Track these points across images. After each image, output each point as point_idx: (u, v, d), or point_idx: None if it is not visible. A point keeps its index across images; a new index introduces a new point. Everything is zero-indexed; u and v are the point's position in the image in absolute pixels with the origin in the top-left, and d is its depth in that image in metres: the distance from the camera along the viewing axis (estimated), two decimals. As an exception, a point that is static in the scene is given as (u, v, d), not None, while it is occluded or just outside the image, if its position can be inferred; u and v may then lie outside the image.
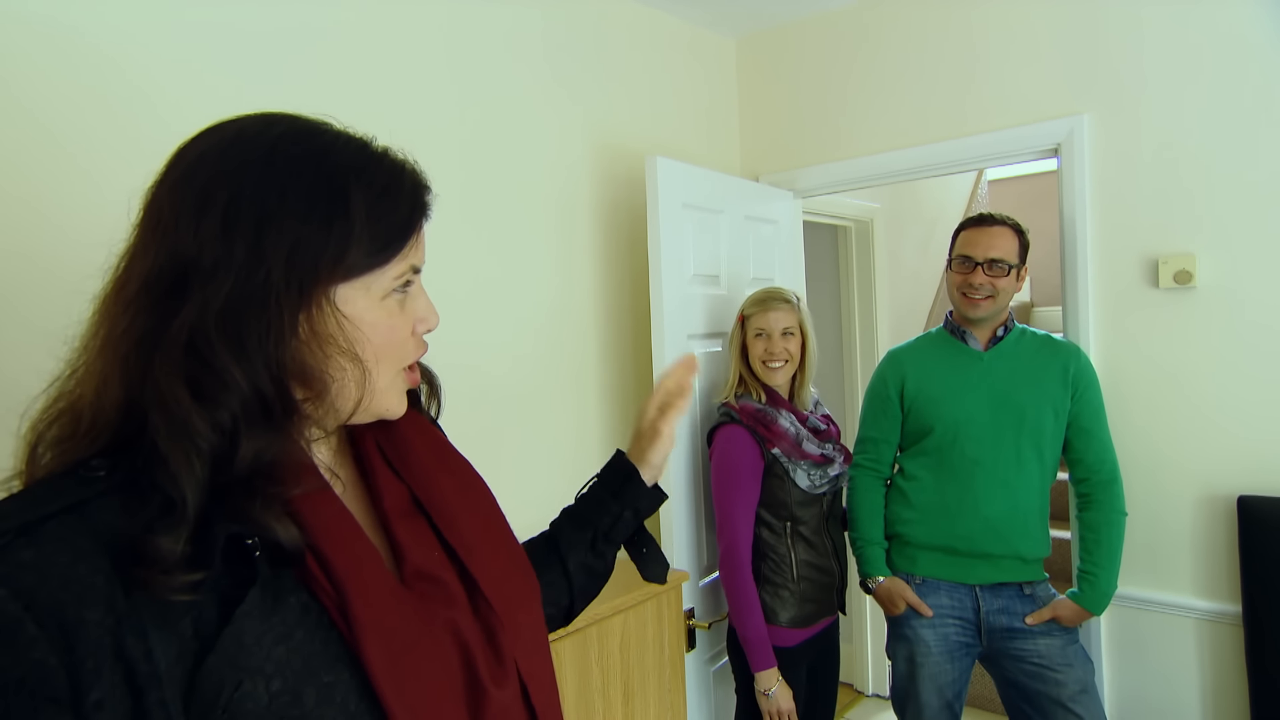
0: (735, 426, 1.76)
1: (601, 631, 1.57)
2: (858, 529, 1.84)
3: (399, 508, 0.62)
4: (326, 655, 0.50)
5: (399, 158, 0.58)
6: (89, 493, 0.47)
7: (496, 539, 0.67)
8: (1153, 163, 1.84)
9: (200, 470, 0.47)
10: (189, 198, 0.51)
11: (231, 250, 0.50)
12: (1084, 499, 1.73)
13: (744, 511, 1.72)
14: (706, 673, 2.03)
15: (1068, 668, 1.66)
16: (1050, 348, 1.75)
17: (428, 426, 0.70)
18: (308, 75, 1.45)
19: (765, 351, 1.76)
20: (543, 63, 1.91)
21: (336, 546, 0.53)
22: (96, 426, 0.50)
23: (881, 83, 2.25)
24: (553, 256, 1.94)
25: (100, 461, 0.49)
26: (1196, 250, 1.79)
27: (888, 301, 3.17)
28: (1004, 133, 2.04)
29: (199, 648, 0.47)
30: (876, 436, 1.85)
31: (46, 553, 0.45)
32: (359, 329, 0.55)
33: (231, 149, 0.53)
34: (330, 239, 0.52)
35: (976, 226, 1.75)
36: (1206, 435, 1.80)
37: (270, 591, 0.50)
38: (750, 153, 2.53)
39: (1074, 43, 1.93)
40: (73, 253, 1.08)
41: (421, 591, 0.58)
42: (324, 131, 0.56)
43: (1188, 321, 1.81)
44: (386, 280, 0.56)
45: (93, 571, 0.45)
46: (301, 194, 0.52)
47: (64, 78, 1.16)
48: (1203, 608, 1.81)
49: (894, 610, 1.78)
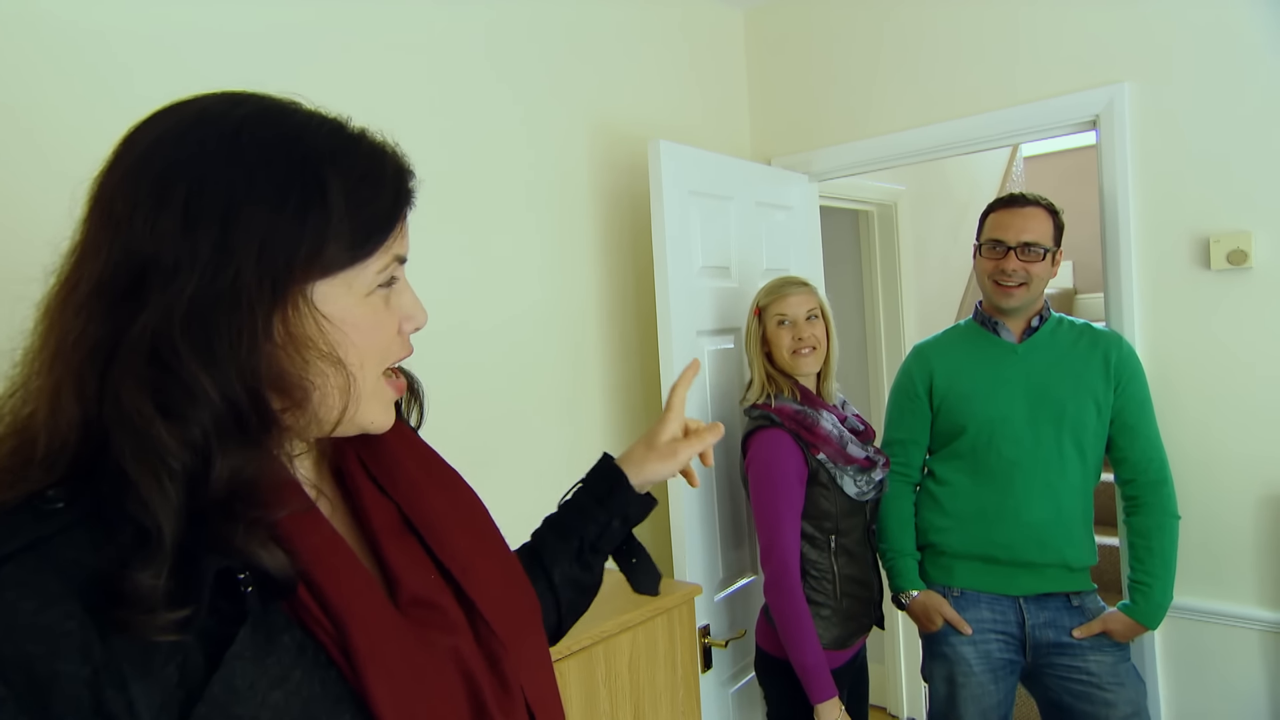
0: (775, 430, 1.67)
1: (609, 650, 1.54)
2: (887, 539, 1.79)
3: (388, 527, 0.59)
4: (327, 697, 0.48)
5: (378, 140, 0.56)
6: (49, 528, 0.44)
7: (492, 556, 0.65)
8: (1200, 133, 1.77)
9: (174, 494, 0.44)
10: (144, 187, 0.48)
11: (195, 246, 0.47)
12: (1132, 502, 1.67)
13: (792, 527, 1.65)
14: (725, 695, 1.99)
15: (1119, 687, 1.60)
16: (1090, 337, 1.70)
17: (412, 436, 0.67)
18: (266, 41, 1.43)
19: (793, 339, 1.69)
20: (531, 42, 1.88)
21: (330, 574, 0.50)
22: (51, 451, 0.46)
23: (903, 54, 2.19)
24: (548, 250, 1.90)
25: (57, 492, 0.45)
26: (1252, 228, 1.72)
27: (914, 292, 3.10)
28: (1036, 105, 1.98)
29: (184, 697, 0.44)
30: (905, 438, 1.80)
31: (8, 600, 0.41)
32: (341, 330, 0.52)
33: (192, 132, 0.50)
34: (305, 231, 0.49)
35: (1007, 208, 1.70)
36: (1268, 428, 1.73)
37: (262, 630, 0.47)
38: (761, 134, 2.48)
39: (1111, 5, 1.86)
40: (14, 251, 1.04)
41: (419, 619, 0.56)
42: (295, 112, 0.53)
43: (1243, 305, 1.74)
44: (369, 275, 0.53)
45: (63, 617, 0.42)
46: (272, 181, 0.49)
47: (21, 41, 1.15)
48: (1269, 619, 1.74)
49: (930, 627, 1.73)
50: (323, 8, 1.50)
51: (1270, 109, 1.70)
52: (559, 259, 1.93)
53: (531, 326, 1.86)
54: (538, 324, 1.88)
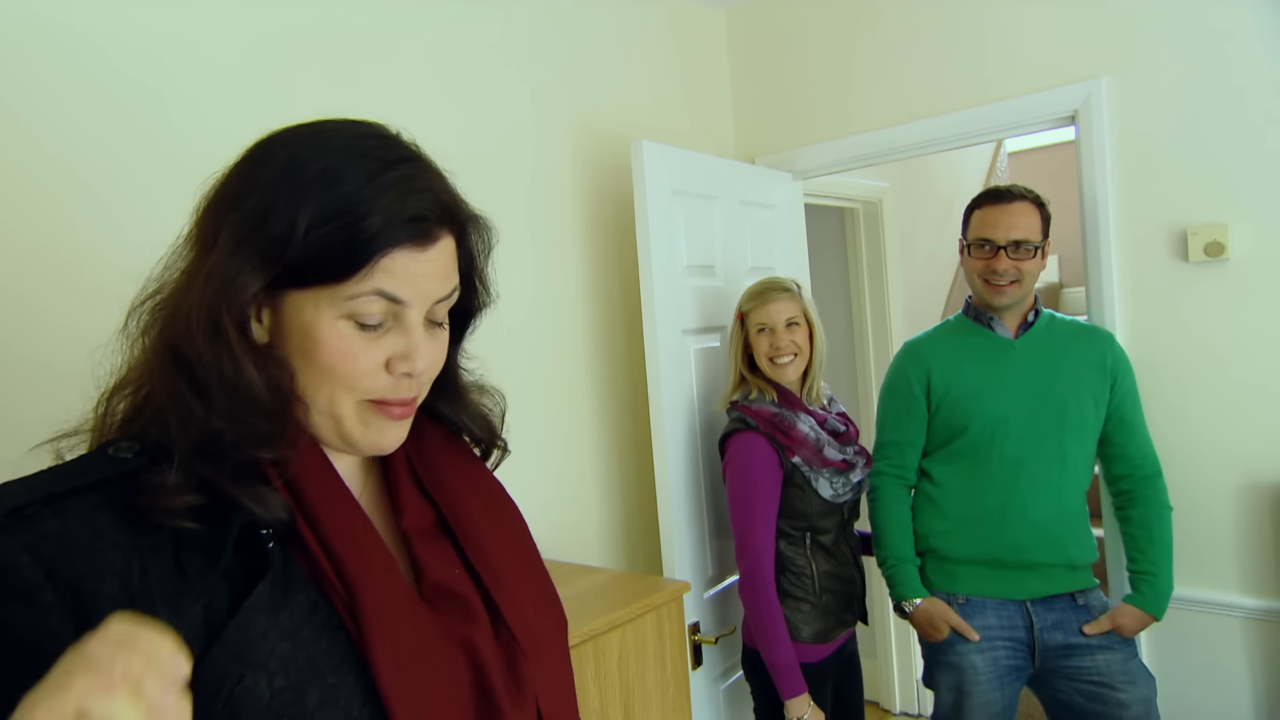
0: (751, 434, 1.71)
1: (598, 648, 1.55)
2: (886, 546, 1.74)
3: (420, 527, 0.63)
4: (333, 656, 0.52)
5: (392, 179, 0.56)
6: (114, 471, 0.52)
7: (524, 568, 0.68)
8: (1178, 127, 1.81)
9: (189, 430, 0.52)
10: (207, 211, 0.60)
11: (216, 233, 0.56)
12: (1126, 496, 1.68)
13: (765, 528, 1.68)
14: (715, 691, 2.01)
15: (1131, 686, 1.58)
16: (1084, 335, 1.71)
17: (464, 449, 0.72)
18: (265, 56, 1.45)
19: (771, 347, 1.72)
20: (514, 44, 1.90)
21: (350, 546, 0.55)
22: (133, 408, 0.57)
23: (884, 52, 2.22)
24: (532, 251, 1.92)
25: (128, 445, 0.54)
26: (1229, 220, 1.76)
27: (901, 287, 3.14)
28: (1016, 101, 2.02)
29: (206, 636, 0.49)
30: (901, 440, 1.75)
31: (70, 525, 0.49)
32: (311, 340, 0.56)
33: (242, 164, 0.60)
34: (271, 246, 0.54)
35: (994, 204, 1.67)
36: (1248, 419, 1.76)
37: (280, 586, 0.52)
38: (745, 133, 2.51)
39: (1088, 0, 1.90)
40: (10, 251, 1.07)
41: (441, 607, 0.59)
42: (335, 134, 0.58)
43: (1221, 296, 1.78)
44: (338, 301, 0.55)
45: (112, 547, 0.50)
46: (267, 191, 0.55)
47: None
48: (1251, 606, 1.77)
49: (935, 636, 1.68)
50: (322, 9, 1.51)
51: (1247, 102, 1.73)
52: (545, 259, 1.95)
53: (518, 326, 1.88)
54: (523, 323, 1.90)
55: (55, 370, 1.08)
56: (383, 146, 0.58)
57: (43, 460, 0.56)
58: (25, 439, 0.63)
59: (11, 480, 0.52)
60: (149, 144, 1.30)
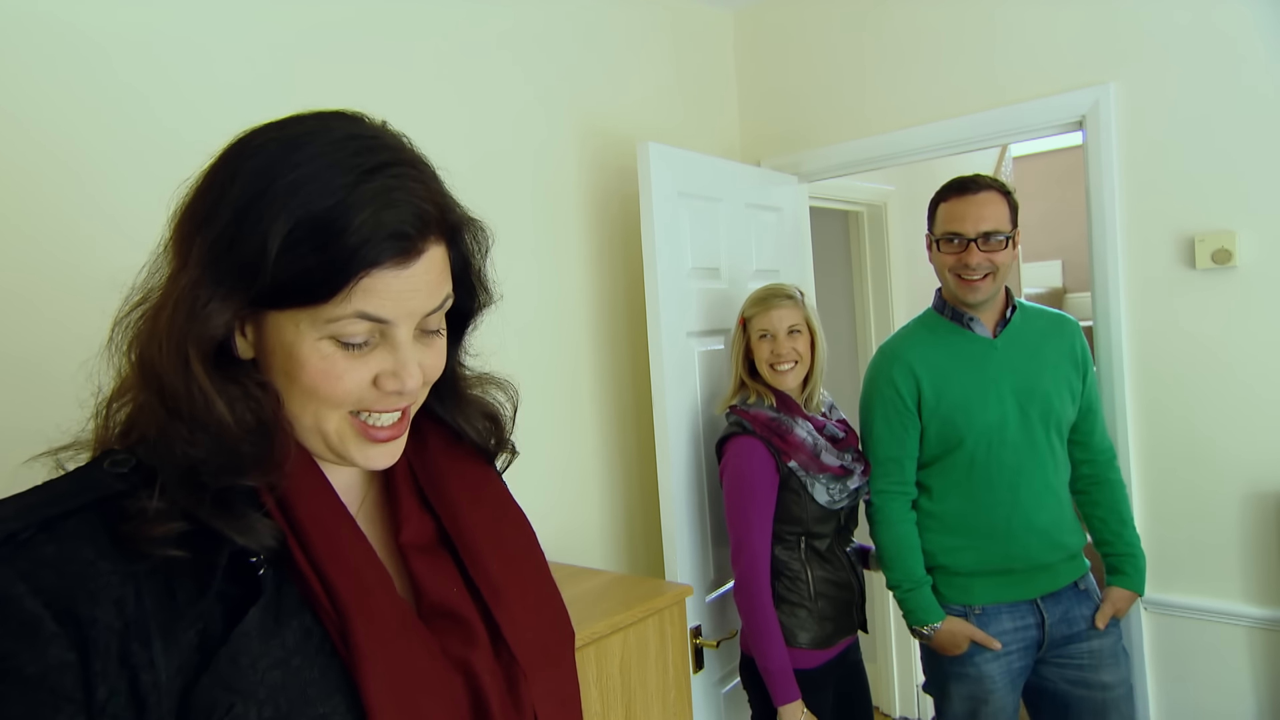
0: (748, 438, 1.71)
1: (600, 652, 1.55)
2: (899, 569, 1.67)
3: (419, 542, 0.62)
4: (324, 684, 0.51)
5: (369, 192, 0.52)
6: (110, 489, 0.51)
7: (527, 582, 0.66)
8: (1186, 134, 1.81)
9: (159, 412, 0.51)
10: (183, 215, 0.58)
11: (188, 251, 0.55)
12: (1089, 480, 1.72)
13: (761, 533, 1.68)
14: (716, 695, 2.01)
15: (1115, 666, 1.63)
16: (1056, 326, 1.71)
17: (468, 452, 0.69)
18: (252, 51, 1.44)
19: (772, 354, 1.72)
20: (519, 45, 1.90)
21: (341, 569, 0.54)
22: (129, 419, 0.56)
23: (891, 55, 2.22)
24: (538, 252, 1.92)
25: (124, 458, 0.52)
26: (1236, 227, 1.76)
27: (905, 292, 3.14)
28: (1023, 106, 2.02)
29: (199, 661, 0.49)
30: (900, 455, 1.69)
31: (66, 551, 0.48)
32: (293, 360, 0.54)
33: (223, 159, 0.57)
34: (236, 271, 0.52)
35: (960, 196, 1.62)
36: (1253, 426, 1.76)
37: (272, 612, 0.51)
38: (750, 135, 2.51)
39: (1096, 5, 1.90)
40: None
41: (439, 628, 0.58)
42: (309, 140, 0.53)
43: (1228, 304, 1.78)
44: (318, 322, 0.53)
45: (108, 572, 0.48)
46: (236, 208, 0.52)
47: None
48: (1255, 615, 1.77)
49: (956, 652, 1.65)
50: (322, 10, 1.51)
51: (1255, 108, 1.73)
52: (550, 260, 1.95)
53: (523, 326, 1.88)
54: (529, 324, 1.90)
55: (53, 370, 1.08)
56: (360, 151, 0.53)
57: (41, 467, 0.55)
58: (25, 439, 0.62)
59: (4, 500, 0.50)
60: (149, 144, 1.29)
